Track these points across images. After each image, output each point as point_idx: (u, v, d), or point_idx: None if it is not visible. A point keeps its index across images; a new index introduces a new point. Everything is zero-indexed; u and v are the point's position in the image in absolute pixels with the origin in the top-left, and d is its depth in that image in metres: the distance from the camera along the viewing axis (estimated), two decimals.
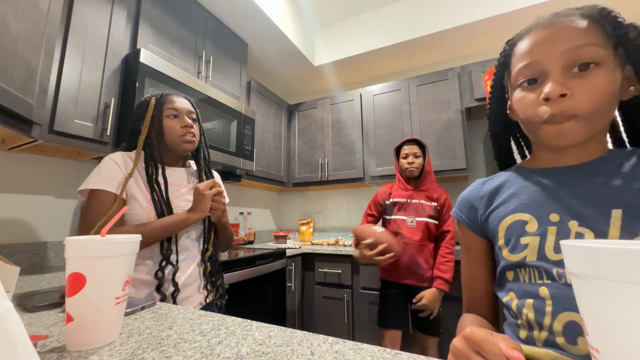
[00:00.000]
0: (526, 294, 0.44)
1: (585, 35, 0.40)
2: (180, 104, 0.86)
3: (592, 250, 0.23)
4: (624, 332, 0.21)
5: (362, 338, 1.73)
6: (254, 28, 1.97)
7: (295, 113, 2.59)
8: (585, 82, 0.40)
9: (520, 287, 0.46)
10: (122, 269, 0.43)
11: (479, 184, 0.58)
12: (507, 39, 0.54)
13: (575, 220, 0.42)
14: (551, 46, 0.42)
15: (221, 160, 1.65)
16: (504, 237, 0.49)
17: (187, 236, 0.84)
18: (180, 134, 0.84)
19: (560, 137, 0.42)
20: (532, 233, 0.45)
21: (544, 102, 0.42)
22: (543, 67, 0.43)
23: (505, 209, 0.50)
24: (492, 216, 0.52)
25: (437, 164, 1.95)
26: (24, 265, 1.13)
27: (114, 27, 1.24)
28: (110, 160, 0.78)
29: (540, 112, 0.42)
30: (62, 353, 0.38)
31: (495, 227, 0.51)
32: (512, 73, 0.48)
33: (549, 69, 0.42)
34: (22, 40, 0.74)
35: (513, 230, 0.47)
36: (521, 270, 0.46)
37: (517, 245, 0.46)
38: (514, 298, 0.46)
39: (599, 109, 0.40)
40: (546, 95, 0.41)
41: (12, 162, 1.15)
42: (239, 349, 0.40)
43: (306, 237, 2.53)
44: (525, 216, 0.47)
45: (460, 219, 0.58)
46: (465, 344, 0.32)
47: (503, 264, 0.49)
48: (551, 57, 0.42)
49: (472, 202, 0.57)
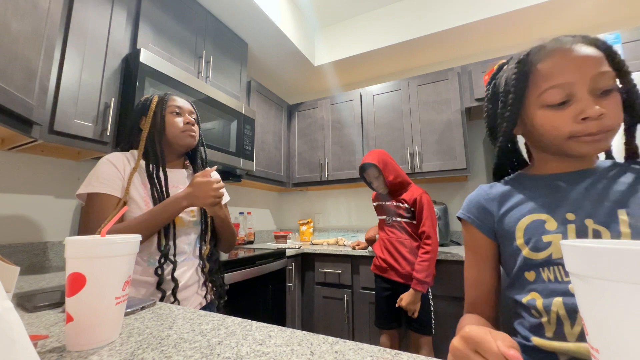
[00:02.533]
0: (554, 292, 0.46)
1: (604, 63, 0.46)
2: (182, 103, 0.89)
3: (592, 250, 0.23)
4: (624, 332, 0.21)
5: (362, 338, 1.73)
6: (254, 28, 1.97)
7: (295, 113, 2.59)
8: (611, 103, 0.45)
9: (545, 287, 0.47)
10: (122, 269, 0.43)
11: (487, 188, 0.60)
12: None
13: (591, 219, 0.45)
14: (580, 70, 0.46)
15: (221, 160, 1.65)
16: (523, 237, 0.50)
17: (186, 237, 0.84)
18: (182, 129, 0.85)
19: (595, 149, 0.47)
20: (553, 231, 0.47)
21: (581, 120, 0.46)
22: (573, 89, 0.46)
23: (521, 211, 0.52)
24: (507, 217, 0.54)
25: (437, 164, 1.96)
26: (24, 265, 1.13)
27: (114, 27, 1.24)
28: (107, 161, 0.78)
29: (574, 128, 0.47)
30: (62, 353, 0.38)
31: (511, 228, 0.52)
32: (536, 93, 0.50)
33: (577, 92, 0.46)
34: (22, 40, 0.74)
35: (532, 229, 0.49)
36: (544, 270, 0.47)
37: (540, 244, 0.48)
38: (538, 298, 0.47)
39: (617, 125, 0.47)
40: (586, 115, 0.45)
41: (12, 162, 1.15)
42: (239, 349, 0.40)
43: (306, 237, 2.53)
44: (542, 216, 0.49)
45: (470, 220, 0.59)
46: (464, 344, 0.32)
47: (522, 263, 0.50)
48: (582, 80, 0.46)
49: (483, 204, 0.58)
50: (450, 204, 2.18)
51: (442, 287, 1.55)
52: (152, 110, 0.84)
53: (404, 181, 1.49)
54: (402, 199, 1.46)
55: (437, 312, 1.43)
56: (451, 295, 1.54)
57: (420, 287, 1.31)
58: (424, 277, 1.31)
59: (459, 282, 1.52)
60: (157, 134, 0.83)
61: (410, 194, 1.45)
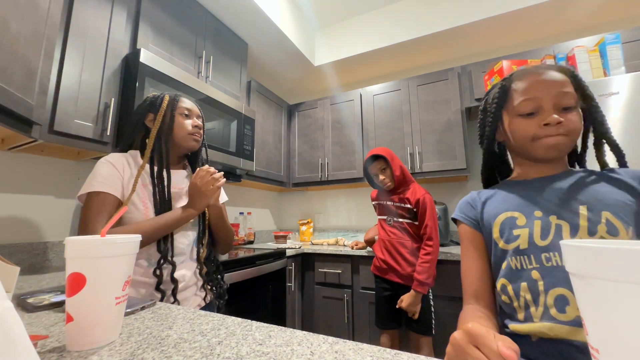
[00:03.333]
0: (520, 278, 0.55)
1: (567, 85, 0.57)
2: (191, 106, 0.90)
3: (592, 250, 0.23)
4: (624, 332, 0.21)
5: (362, 338, 1.73)
6: (254, 28, 1.97)
7: (295, 113, 2.59)
8: (569, 117, 0.57)
9: (513, 274, 0.56)
10: (122, 269, 0.43)
11: (475, 194, 0.72)
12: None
13: (554, 215, 0.55)
14: (547, 89, 0.58)
15: (221, 160, 1.65)
16: (499, 231, 0.61)
17: (184, 238, 0.84)
18: (190, 132, 0.86)
19: (554, 149, 0.57)
20: (522, 226, 0.58)
21: (543, 126, 0.57)
22: (541, 103, 0.58)
23: (498, 208, 0.63)
24: (486, 213, 0.65)
25: (437, 164, 1.96)
26: (24, 265, 1.13)
27: (114, 27, 1.24)
28: (106, 162, 0.78)
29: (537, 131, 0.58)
30: (62, 353, 0.38)
31: (490, 222, 0.63)
32: (512, 104, 0.62)
33: (544, 105, 0.58)
34: (22, 40, 0.74)
35: (506, 224, 0.60)
36: (512, 259, 0.57)
37: (511, 236, 0.58)
38: (507, 284, 0.57)
39: (575, 136, 0.58)
40: (547, 121, 0.56)
41: (12, 162, 1.15)
42: (239, 349, 0.40)
43: (306, 237, 2.53)
44: (514, 214, 0.60)
45: (462, 218, 0.70)
46: (465, 337, 0.34)
47: (499, 254, 0.60)
48: (547, 96, 0.57)
49: (470, 204, 0.70)
50: (450, 204, 2.18)
51: (442, 287, 1.55)
52: (163, 109, 0.84)
53: (408, 178, 1.48)
54: (406, 198, 1.45)
55: (437, 312, 1.43)
56: (451, 295, 1.54)
57: (420, 288, 1.31)
58: (425, 279, 1.30)
59: (459, 282, 1.51)
60: (164, 133, 0.83)
61: (413, 193, 1.44)
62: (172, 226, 0.78)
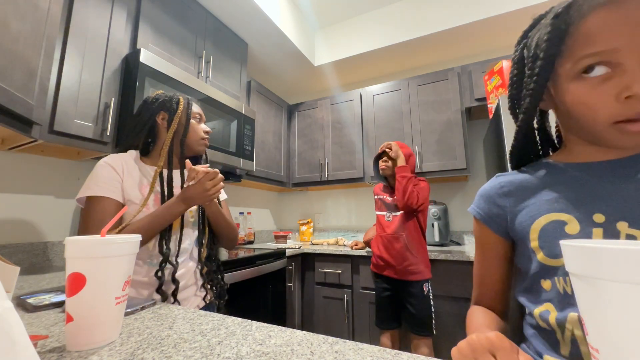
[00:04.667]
0: (568, 306, 0.39)
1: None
2: (201, 111, 0.92)
3: (592, 250, 0.23)
4: (624, 332, 0.21)
5: (362, 338, 1.73)
6: (254, 28, 1.97)
7: (295, 113, 2.59)
8: None
9: (561, 299, 0.40)
10: (122, 269, 0.43)
11: (502, 179, 0.51)
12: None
13: (625, 222, 0.37)
14: (634, 33, 0.34)
15: (221, 160, 1.65)
16: (538, 240, 0.43)
17: (185, 237, 0.84)
18: (202, 137, 0.88)
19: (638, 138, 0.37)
20: (574, 235, 0.39)
21: (625, 99, 0.35)
22: (620, 58, 0.35)
23: (539, 208, 0.44)
24: (521, 214, 0.46)
25: (437, 163, 1.96)
26: (24, 265, 1.13)
27: (114, 27, 1.24)
28: (106, 164, 0.77)
29: (623, 111, 0.36)
30: (62, 353, 0.38)
31: (525, 228, 0.45)
32: (571, 58, 0.39)
33: (625, 61, 0.35)
34: (22, 40, 0.74)
35: (549, 232, 0.42)
36: (561, 280, 0.40)
37: (557, 250, 0.40)
38: (552, 311, 0.41)
39: None
40: (631, 93, 0.34)
41: (12, 162, 1.15)
42: (239, 349, 0.40)
43: (306, 237, 2.53)
44: (563, 216, 0.41)
45: (478, 215, 0.53)
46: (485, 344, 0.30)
47: (537, 269, 0.44)
48: (632, 47, 0.34)
49: (494, 198, 0.51)
50: (450, 204, 2.18)
51: (442, 287, 1.55)
52: (180, 111, 0.84)
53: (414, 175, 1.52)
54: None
55: (437, 312, 1.44)
56: (451, 295, 1.54)
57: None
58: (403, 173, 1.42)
59: (459, 282, 1.52)
60: (178, 135, 0.83)
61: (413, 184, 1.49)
62: (165, 218, 0.75)
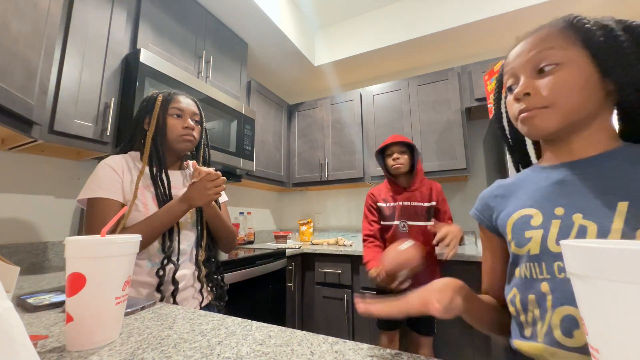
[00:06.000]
0: (528, 289, 0.45)
1: (545, 42, 0.46)
2: (185, 104, 0.86)
3: (592, 250, 0.23)
4: (624, 332, 0.21)
5: (362, 338, 1.73)
6: (254, 28, 1.97)
7: (295, 113, 2.59)
8: (547, 80, 0.45)
9: (523, 283, 0.47)
10: (122, 269, 0.43)
11: (497, 184, 0.59)
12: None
13: (579, 213, 0.42)
14: (521, 56, 0.48)
15: (221, 160, 1.65)
16: (511, 233, 0.50)
17: (185, 239, 0.84)
18: (181, 134, 0.84)
19: (534, 128, 0.47)
20: (536, 226, 0.46)
21: (515, 101, 0.48)
22: (517, 73, 0.49)
23: (515, 206, 0.51)
24: (503, 213, 0.53)
25: (437, 163, 1.95)
26: (24, 265, 1.13)
27: (114, 27, 1.24)
28: (106, 165, 0.77)
29: (514, 109, 0.49)
30: (62, 353, 0.38)
31: (504, 224, 0.52)
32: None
33: (519, 75, 0.48)
34: (22, 40, 0.74)
35: (518, 225, 0.49)
36: (524, 266, 0.47)
37: (522, 239, 0.47)
38: (517, 294, 0.47)
39: (562, 100, 0.44)
40: (515, 96, 0.48)
41: (12, 162, 1.15)
42: (239, 349, 0.40)
43: (306, 237, 2.53)
44: (531, 211, 0.48)
45: (477, 217, 0.60)
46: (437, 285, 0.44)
47: (512, 259, 0.51)
48: (521, 65, 0.48)
49: (487, 201, 0.58)
50: (450, 204, 2.16)
51: None
52: (156, 112, 0.82)
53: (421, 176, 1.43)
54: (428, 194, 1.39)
55: None
56: None
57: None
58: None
59: None
60: (158, 136, 0.82)
61: (430, 184, 1.41)
62: (166, 219, 0.76)
